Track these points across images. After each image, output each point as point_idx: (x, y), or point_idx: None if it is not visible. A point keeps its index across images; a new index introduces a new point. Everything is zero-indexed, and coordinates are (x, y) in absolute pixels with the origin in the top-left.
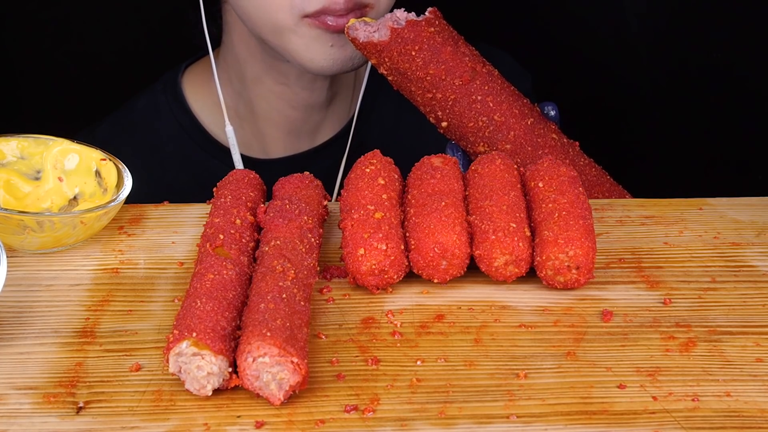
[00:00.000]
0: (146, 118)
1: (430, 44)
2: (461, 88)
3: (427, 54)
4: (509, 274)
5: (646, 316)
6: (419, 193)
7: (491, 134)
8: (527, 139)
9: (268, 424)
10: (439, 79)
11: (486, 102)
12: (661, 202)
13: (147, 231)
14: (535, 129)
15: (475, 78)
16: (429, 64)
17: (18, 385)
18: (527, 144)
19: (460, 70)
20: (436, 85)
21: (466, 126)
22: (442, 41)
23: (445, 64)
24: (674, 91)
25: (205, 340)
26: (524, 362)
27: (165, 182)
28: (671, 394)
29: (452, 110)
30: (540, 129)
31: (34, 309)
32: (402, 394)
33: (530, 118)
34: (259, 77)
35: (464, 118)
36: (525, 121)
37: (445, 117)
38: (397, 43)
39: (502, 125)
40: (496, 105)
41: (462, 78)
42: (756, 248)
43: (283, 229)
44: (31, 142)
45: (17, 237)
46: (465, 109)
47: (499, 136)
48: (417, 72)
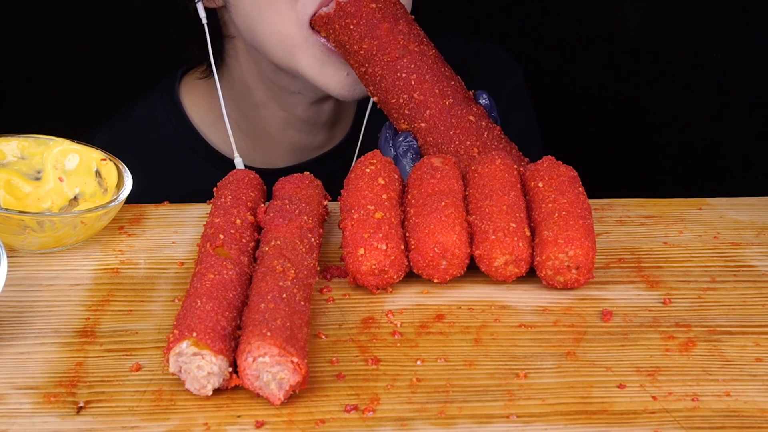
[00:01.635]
0: (144, 127)
1: (368, 20)
2: (388, 65)
3: (364, 29)
4: (509, 274)
5: (646, 316)
6: (419, 193)
7: (410, 111)
8: (441, 119)
9: (268, 424)
10: (370, 54)
11: (409, 80)
12: (661, 202)
13: (147, 231)
14: (452, 109)
15: (404, 56)
16: (364, 39)
17: (18, 384)
18: (440, 124)
19: (392, 47)
20: (368, 59)
21: (389, 102)
22: (381, 17)
23: (378, 39)
24: (674, 91)
25: (206, 339)
26: (524, 362)
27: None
28: (671, 393)
29: (380, 86)
30: (458, 110)
31: (34, 309)
32: (402, 394)
33: (450, 98)
34: (264, 103)
35: (388, 94)
36: (443, 101)
37: (375, 92)
38: (340, 16)
39: (420, 103)
40: (418, 83)
41: (390, 55)
42: (756, 248)
43: (283, 229)
44: (32, 142)
45: (18, 237)
46: (390, 85)
47: (416, 114)
48: (353, 45)
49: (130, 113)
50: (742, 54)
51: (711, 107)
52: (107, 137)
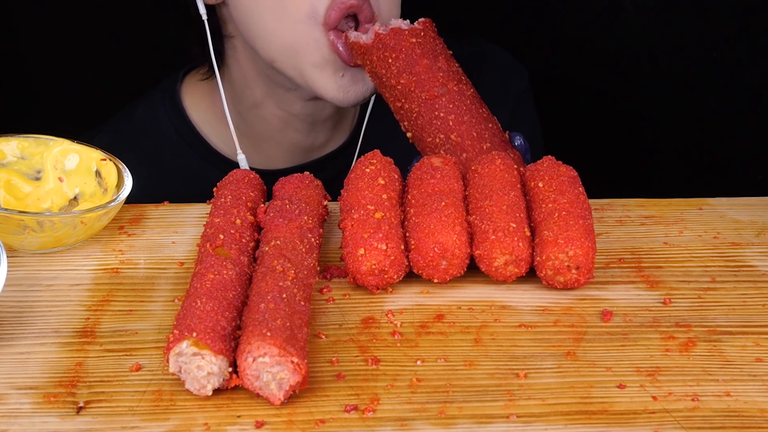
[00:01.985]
0: (145, 127)
1: (408, 54)
2: (426, 103)
3: (403, 63)
4: (509, 274)
5: (646, 316)
6: (419, 193)
7: (447, 152)
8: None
9: (268, 424)
10: (408, 90)
11: (447, 120)
12: (661, 202)
13: (147, 231)
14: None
15: (443, 94)
16: (402, 74)
17: (18, 384)
18: None
19: (430, 84)
20: (405, 95)
21: (425, 140)
22: (420, 53)
23: (417, 76)
24: (674, 92)
25: (205, 340)
26: (524, 362)
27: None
28: (671, 394)
29: (415, 123)
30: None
31: (34, 309)
32: (402, 394)
33: (488, 143)
34: (260, 102)
35: (424, 133)
36: (480, 145)
37: (409, 128)
38: (378, 48)
39: (457, 145)
40: (456, 124)
41: (429, 93)
42: (756, 248)
43: (283, 229)
44: (32, 142)
45: (17, 237)
46: (426, 123)
47: (453, 156)
48: (391, 79)
49: (131, 113)
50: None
51: (711, 107)
52: (108, 137)
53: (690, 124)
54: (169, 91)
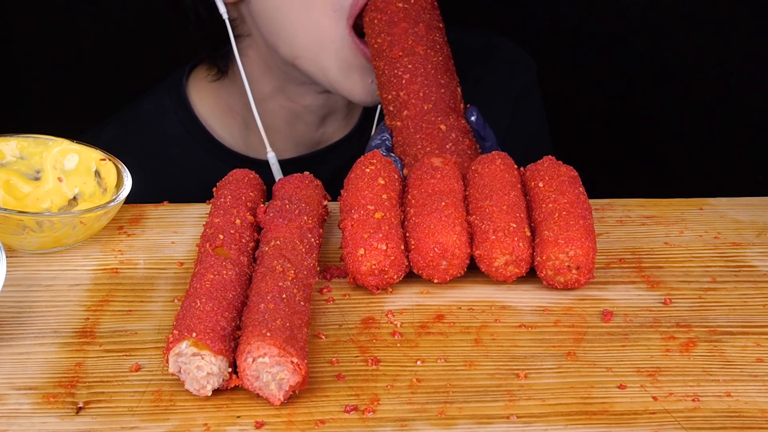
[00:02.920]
0: (151, 121)
1: (390, 17)
2: (390, 62)
3: (384, 25)
4: (509, 274)
5: (647, 316)
6: (419, 193)
7: (394, 108)
8: (414, 121)
9: (268, 424)
10: (381, 49)
11: (401, 78)
12: (661, 202)
13: (147, 231)
14: (427, 115)
15: (406, 55)
16: (380, 33)
17: (18, 385)
18: (411, 126)
19: (399, 45)
20: (379, 53)
21: (383, 96)
22: (403, 16)
23: (392, 36)
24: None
25: (205, 340)
26: (524, 362)
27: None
28: (671, 394)
29: (379, 80)
30: (432, 116)
31: (33, 309)
32: (402, 394)
33: (430, 104)
34: (271, 95)
35: (383, 90)
36: (423, 105)
37: (378, 86)
38: (370, 10)
39: (402, 103)
40: (408, 83)
41: (394, 53)
42: (756, 248)
43: (283, 229)
44: (31, 142)
45: (17, 237)
46: (386, 80)
47: (397, 113)
48: (372, 39)
49: (137, 107)
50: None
51: (711, 107)
52: (114, 131)
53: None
54: (176, 85)
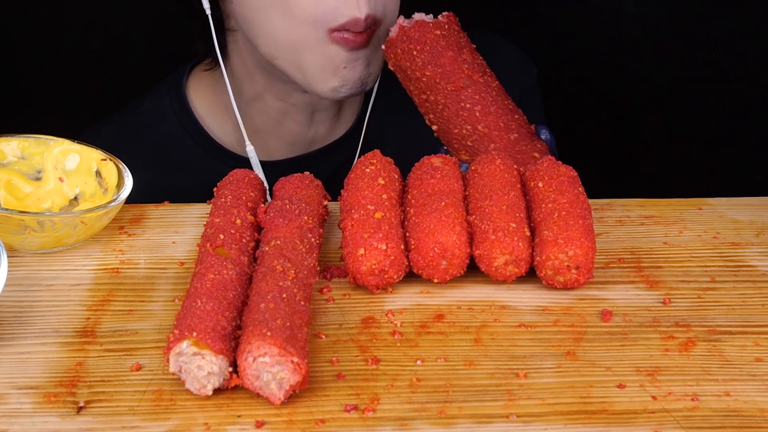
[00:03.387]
0: (151, 120)
1: (432, 47)
2: (452, 94)
3: (428, 56)
4: (509, 274)
5: (646, 315)
6: (419, 193)
7: (473, 143)
8: (507, 154)
9: (268, 423)
10: (433, 82)
11: (473, 111)
12: (661, 202)
13: (147, 231)
14: (517, 145)
15: (468, 86)
16: (427, 66)
17: (19, 384)
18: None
19: (455, 76)
20: (431, 87)
21: (451, 132)
22: (445, 45)
23: (442, 68)
24: (674, 91)
25: (206, 339)
26: (524, 362)
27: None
28: (671, 393)
29: (441, 114)
30: (523, 146)
31: (34, 309)
32: (402, 394)
33: (515, 133)
34: (260, 94)
35: (451, 124)
36: (508, 136)
37: (435, 120)
38: (402, 41)
39: (484, 136)
40: (483, 115)
41: (455, 84)
42: (755, 248)
43: (283, 229)
44: (32, 142)
45: (18, 237)
46: (453, 115)
47: (481, 147)
48: (416, 72)
49: (137, 106)
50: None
51: (711, 107)
52: (115, 129)
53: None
54: (176, 84)
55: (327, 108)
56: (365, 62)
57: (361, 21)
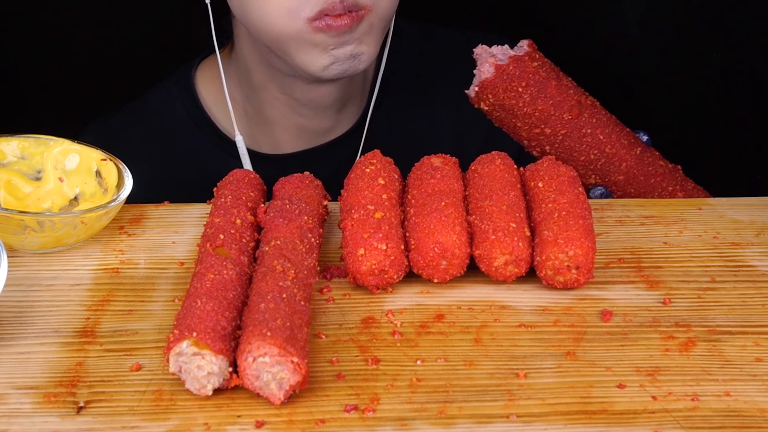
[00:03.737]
0: (159, 111)
1: (536, 79)
2: (571, 122)
3: (534, 89)
4: (509, 274)
5: (646, 315)
6: (419, 193)
7: (603, 166)
8: (639, 168)
9: (268, 423)
10: (548, 114)
11: (596, 135)
12: (661, 202)
13: (147, 231)
14: (644, 158)
15: (582, 111)
16: (537, 100)
17: (18, 384)
18: (639, 174)
19: (568, 103)
20: (545, 120)
21: (577, 159)
22: (546, 75)
23: (552, 98)
24: (674, 91)
25: (206, 339)
26: (524, 362)
27: (175, 175)
28: (671, 393)
29: (562, 144)
30: (648, 157)
31: (34, 309)
32: (402, 394)
33: (638, 147)
34: (264, 84)
35: (575, 152)
36: (634, 151)
37: (553, 151)
38: (502, 80)
39: (613, 157)
40: (606, 137)
41: (571, 112)
42: (755, 248)
43: (283, 229)
44: (32, 142)
45: (18, 237)
46: (575, 142)
47: (611, 168)
48: (524, 108)
49: (145, 98)
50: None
51: (711, 107)
52: (122, 119)
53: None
54: (184, 75)
55: (331, 103)
56: (355, 41)
57: (336, 3)
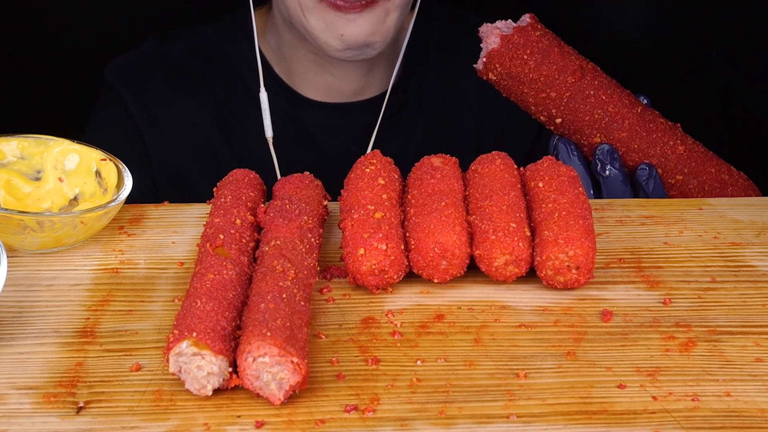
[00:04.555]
0: (219, 46)
1: (540, 47)
2: (574, 85)
3: (538, 56)
4: (509, 274)
5: (646, 316)
6: (419, 193)
7: (607, 125)
8: (641, 125)
9: (268, 424)
10: (552, 78)
11: (599, 96)
12: (661, 202)
13: (147, 231)
14: (645, 116)
15: (585, 74)
16: (541, 66)
17: (18, 384)
18: (642, 130)
19: (571, 67)
20: (550, 84)
21: (582, 120)
22: (548, 43)
23: (555, 63)
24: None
25: (205, 340)
26: (524, 362)
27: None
28: (671, 393)
29: (567, 106)
30: (649, 115)
31: (34, 309)
32: (402, 394)
33: (638, 106)
34: (295, 44)
35: (579, 113)
36: (635, 110)
37: (559, 114)
38: (509, 49)
39: (616, 115)
40: (608, 97)
41: (574, 75)
42: (756, 248)
43: (283, 229)
44: (32, 142)
45: (17, 237)
46: (580, 104)
47: (615, 126)
48: (530, 74)
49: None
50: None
51: (711, 107)
52: (185, 43)
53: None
54: (240, 19)
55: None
56: (367, 25)
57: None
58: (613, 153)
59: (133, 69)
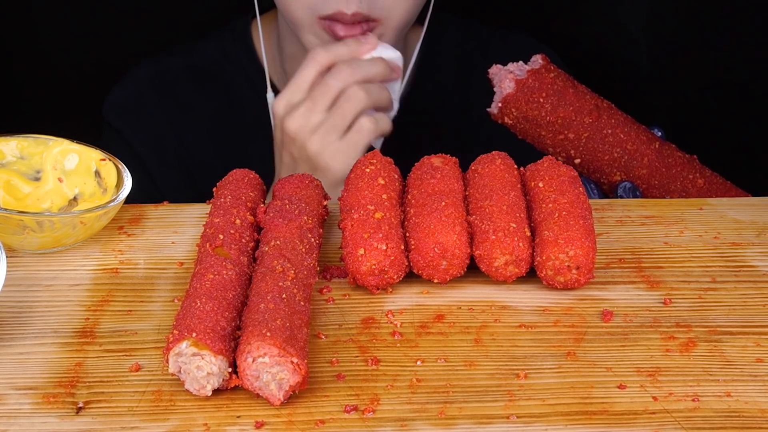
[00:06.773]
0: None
1: (555, 89)
2: (592, 125)
3: (554, 98)
4: (509, 274)
5: (646, 316)
6: (419, 193)
7: (626, 163)
8: (660, 161)
9: (268, 424)
10: (569, 120)
11: (617, 134)
12: (661, 202)
13: (147, 231)
14: (663, 151)
15: (601, 113)
16: (558, 108)
17: (18, 385)
18: (661, 165)
19: (587, 107)
20: (567, 125)
21: (601, 159)
22: (563, 84)
23: (572, 105)
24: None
25: (205, 340)
26: (524, 362)
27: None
28: (671, 394)
29: (586, 147)
30: (666, 150)
31: (33, 309)
32: (402, 394)
33: (656, 141)
34: (296, 56)
35: (598, 152)
36: (653, 146)
37: (578, 154)
38: (524, 93)
39: (635, 153)
40: (626, 135)
41: (591, 115)
42: (756, 248)
43: (283, 229)
44: (31, 142)
45: (17, 237)
46: (598, 143)
47: (634, 164)
48: (547, 117)
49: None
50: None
51: (711, 107)
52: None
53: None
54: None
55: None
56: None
57: (346, 15)
58: (635, 191)
59: (131, 105)
